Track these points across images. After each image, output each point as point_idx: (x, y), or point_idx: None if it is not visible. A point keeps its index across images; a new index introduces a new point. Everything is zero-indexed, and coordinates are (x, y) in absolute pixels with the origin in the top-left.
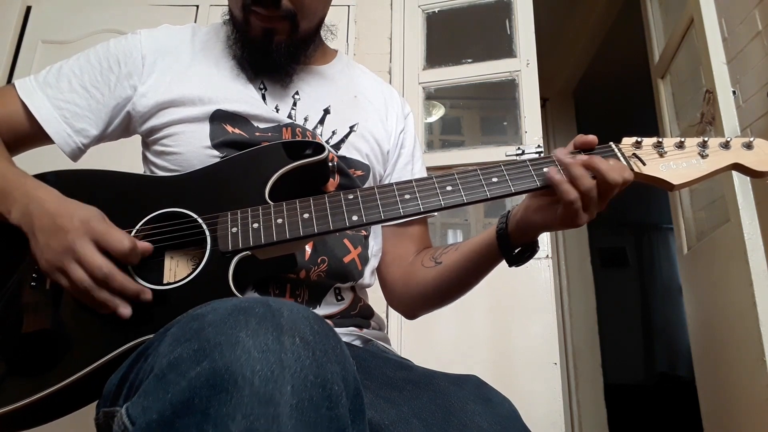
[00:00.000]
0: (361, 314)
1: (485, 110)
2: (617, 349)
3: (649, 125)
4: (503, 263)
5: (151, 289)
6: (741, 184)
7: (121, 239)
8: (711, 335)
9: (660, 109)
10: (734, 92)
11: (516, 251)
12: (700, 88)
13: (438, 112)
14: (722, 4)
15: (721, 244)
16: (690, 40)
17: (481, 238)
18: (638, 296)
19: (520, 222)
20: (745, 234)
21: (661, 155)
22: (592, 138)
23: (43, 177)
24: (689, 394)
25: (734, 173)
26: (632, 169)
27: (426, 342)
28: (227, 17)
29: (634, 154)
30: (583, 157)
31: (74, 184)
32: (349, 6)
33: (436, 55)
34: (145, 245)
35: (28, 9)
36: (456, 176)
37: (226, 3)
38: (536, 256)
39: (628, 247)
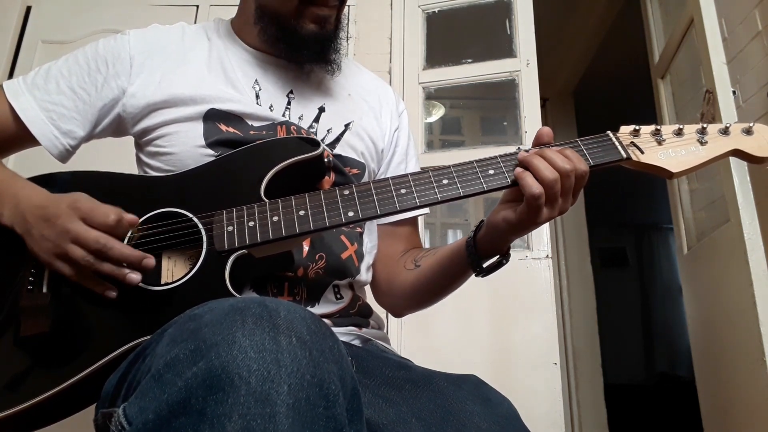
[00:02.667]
0: (360, 313)
1: (485, 110)
2: (617, 349)
3: (648, 125)
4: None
5: (149, 289)
6: (741, 183)
7: (106, 212)
8: (711, 335)
9: (660, 109)
10: (734, 92)
11: (486, 264)
12: (700, 88)
13: (438, 112)
14: (722, 4)
15: (721, 244)
16: (690, 40)
17: (455, 245)
18: (638, 296)
19: (487, 228)
20: (745, 234)
21: (660, 143)
22: (543, 131)
23: (35, 179)
24: (689, 394)
25: (734, 171)
26: (630, 158)
27: (426, 342)
28: (254, 16)
29: (632, 142)
30: (534, 149)
31: (69, 185)
32: (349, 6)
33: (436, 55)
34: (131, 217)
35: (28, 9)
36: (452, 169)
37: (227, 3)
38: (536, 256)
39: (628, 247)
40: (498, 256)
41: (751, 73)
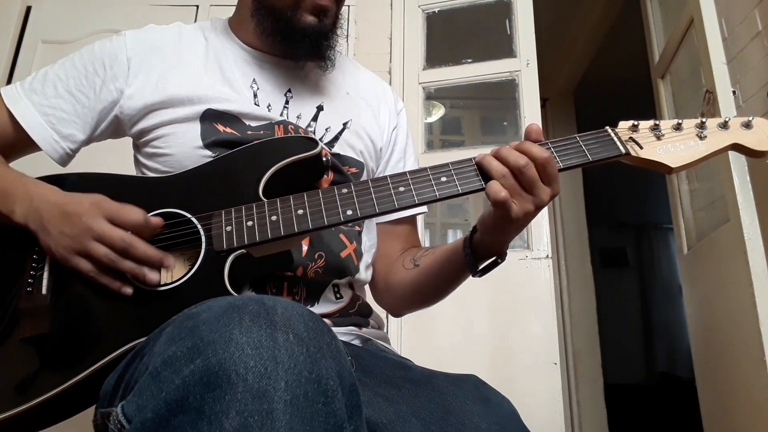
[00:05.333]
0: (359, 312)
1: (485, 110)
2: (617, 349)
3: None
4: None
5: (148, 290)
6: (741, 183)
7: (135, 211)
8: (711, 335)
9: (660, 109)
10: (734, 92)
11: (482, 265)
12: (700, 88)
13: (438, 112)
14: (722, 4)
15: (721, 244)
16: (690, 40)
17: (453, 246)
18: (638, 296)
19: (480, 231)
20: (745, 234)
21: (659, 138)
22: (531, 128)
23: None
24: (689, 394)
25: (734, 171)
26: (629, 154)
27: (426, 342)
28: (250, 9)
29: (630, 137)
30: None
31: (68, 187)
32: (349, 6)
33: (436, 55)
34: (156, 220)
35: (28, 9)
36: (450, 167)
37: (227, 3)
38: (536, 256)
39: (628, 247)
40: (494, 257)
41: (751, 73)
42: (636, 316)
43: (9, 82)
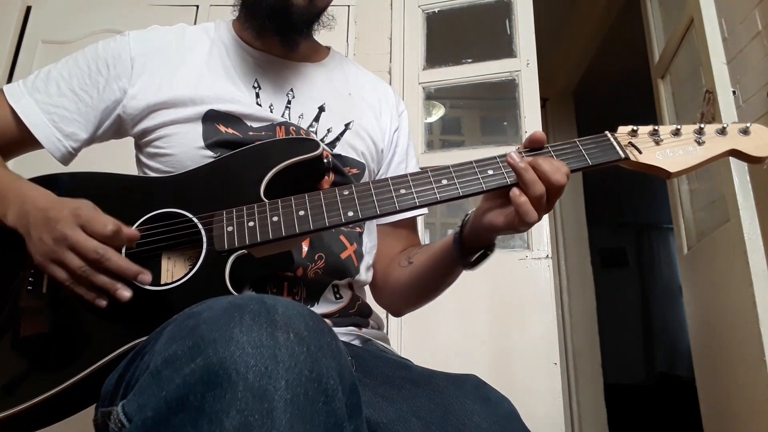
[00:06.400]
0: (359, 313)
1: (485, 110)
2: (617, 349)
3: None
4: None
5: (149, 290)
6: (741, 184)
7: (105, 222)
8: (711, 335)
9: (660, 109)
10: (734, 92)
11: (474, 257)
12: (700, 88)
13: (438, 112)
14: (722, 4)
15: (721, 244)
16: (690, 40)
17: (445, 241)
18: (638, 296)
19: (472, 228)
20: (745, 234)
21: (658, 143)
22: (537, 136)
23: (35, 180)
24: (689, 394)
25: (734, 171)
26: (628, 158)
27: (426, 342)
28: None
29: (630, 142)
30: (527, 158)
31: (68, 186)
32: (349, 6)
33: (436, 55)
34: (131, 231)
35: (28, 9)
36: (451, 169)
37: (226, 3)
38: (536, 256)
39: (628, 247)
40: (483, 250)
41: (751, 73)
42: (636, 316)
43: (9, 82)
